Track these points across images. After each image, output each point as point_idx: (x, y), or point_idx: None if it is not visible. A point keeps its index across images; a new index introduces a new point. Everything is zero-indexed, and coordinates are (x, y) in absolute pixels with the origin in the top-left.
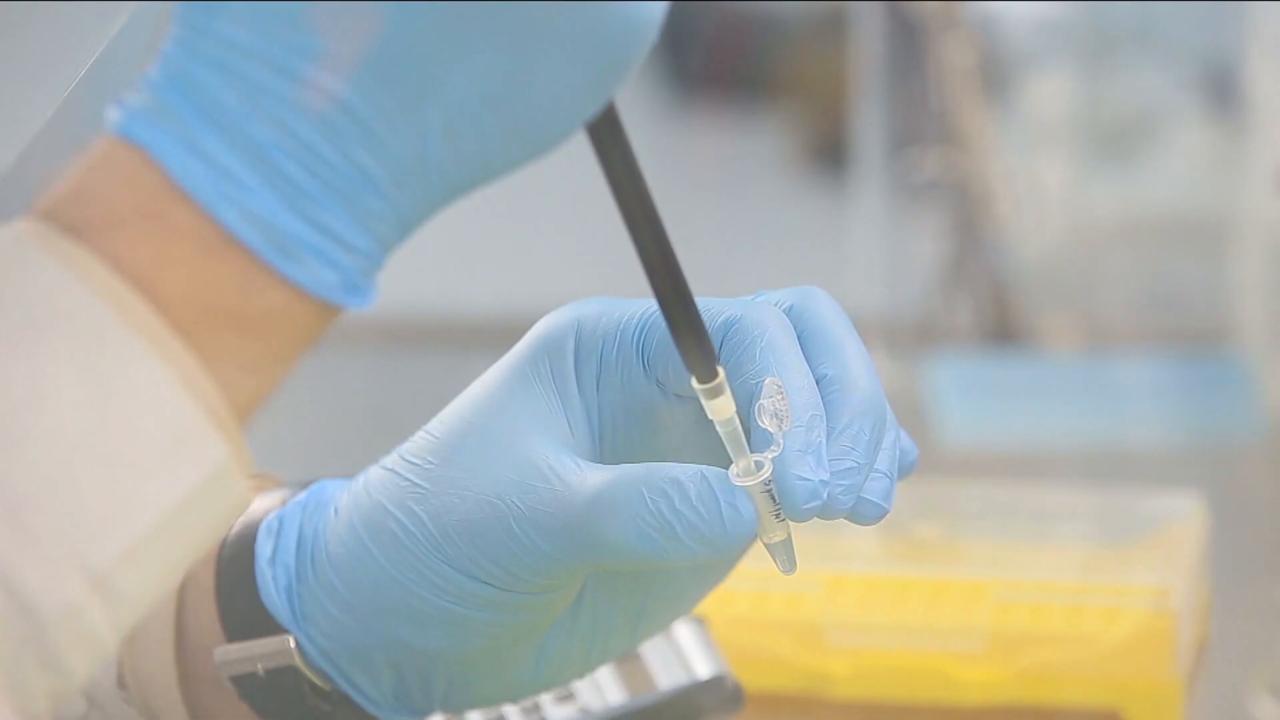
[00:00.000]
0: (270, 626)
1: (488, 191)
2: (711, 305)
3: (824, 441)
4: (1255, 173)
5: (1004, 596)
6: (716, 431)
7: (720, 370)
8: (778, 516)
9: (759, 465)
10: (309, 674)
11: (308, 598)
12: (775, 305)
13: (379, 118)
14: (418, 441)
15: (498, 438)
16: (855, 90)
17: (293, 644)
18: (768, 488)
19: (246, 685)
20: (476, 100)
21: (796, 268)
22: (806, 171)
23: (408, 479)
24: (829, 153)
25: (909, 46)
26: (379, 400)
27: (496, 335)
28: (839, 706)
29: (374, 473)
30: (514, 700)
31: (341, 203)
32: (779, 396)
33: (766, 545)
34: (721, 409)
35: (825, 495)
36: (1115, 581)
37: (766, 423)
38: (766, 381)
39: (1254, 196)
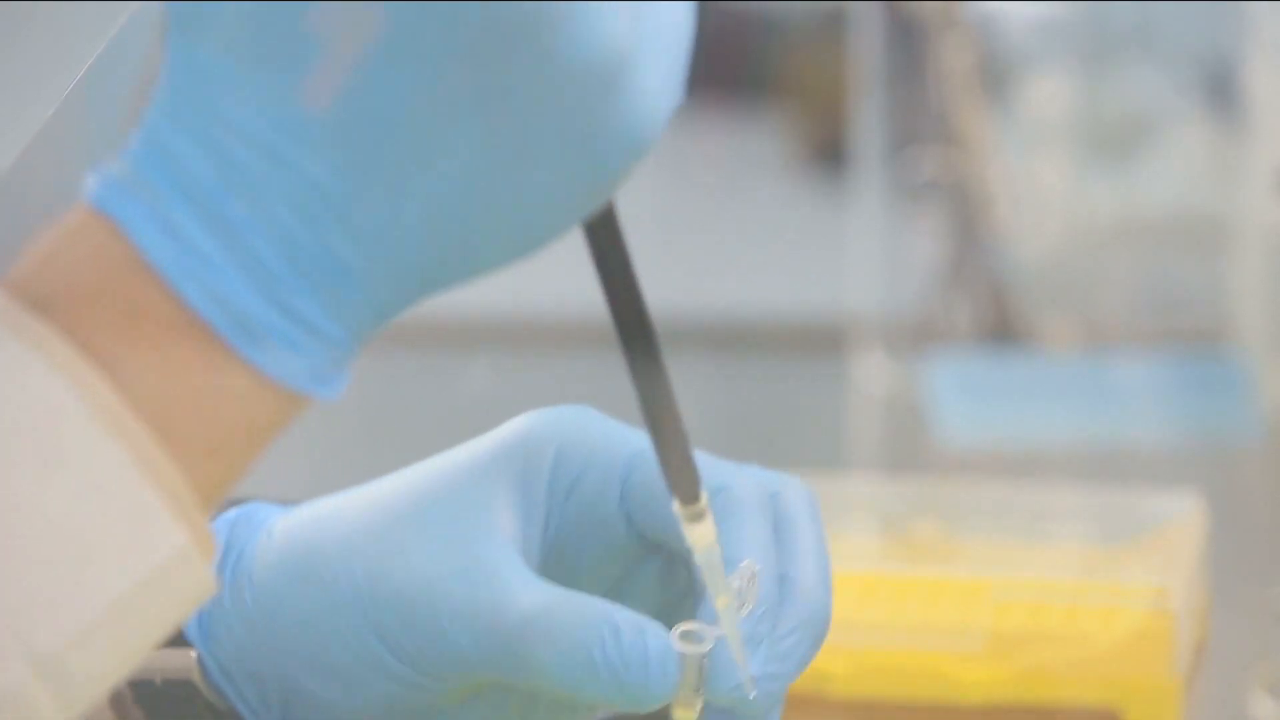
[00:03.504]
0: (175, 638)
1: None
2: (703, 463)
3: (767, 639)
4: (1254, 173)
5: (1002, 596)
6: (659, 591)
7: (704, 495)
8: (697, 691)
9: (701, 637)
10: (206, 692)
11: (218, 616)
12: (759, 485)
13: (357, 205)
14: (376, 491)
15: (454, 521)
16: (854, 91)
17: (194, 659)
18: (702, 661)
19: (142, 692)
20: (458, 196)
21: (795, 268)
22: (806, 172)
23: (354, 528)
24: (828, 153)
25: (908, 47)
26: (378, 400)
27: (496, 335)
28: (837, 705)
29: (324, 507)
30: None
31: (313, 289)
32: (750, 582)
33: (674, 717)
34: (703, 536)
35: (749, 692)
36: (1114, 581)
37: None
38: (744, 563)
39: (1253, 197)
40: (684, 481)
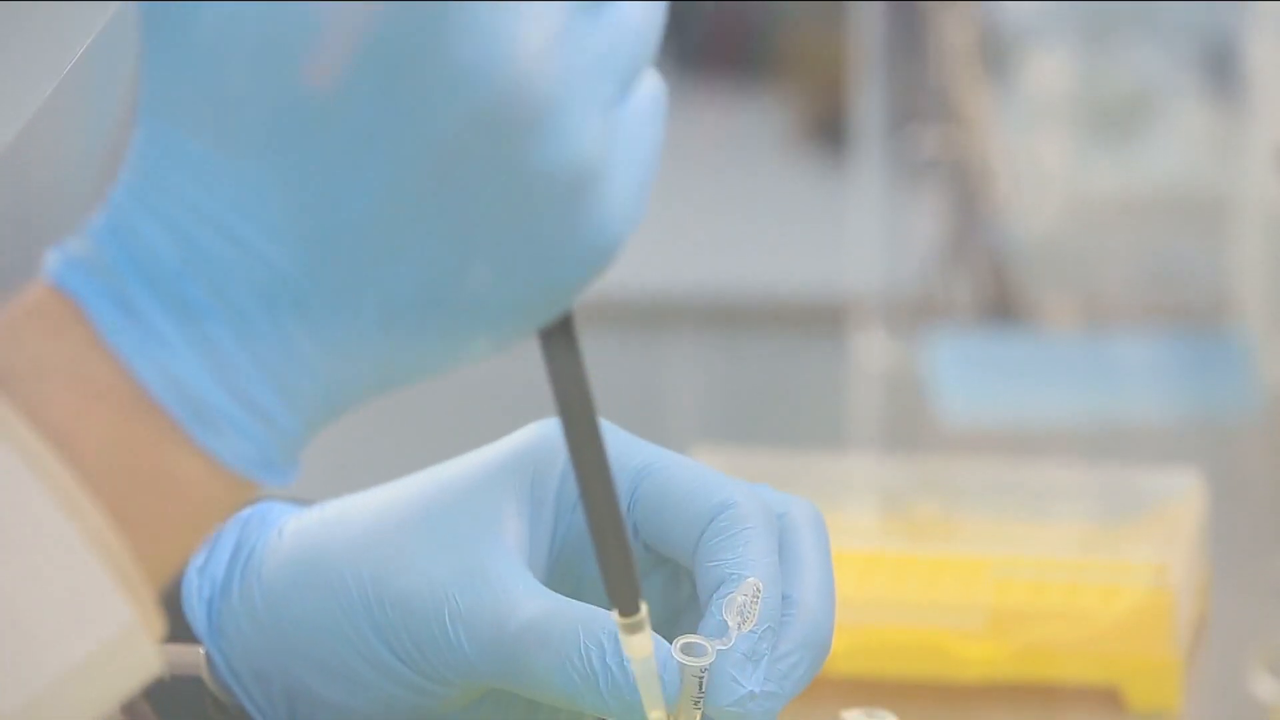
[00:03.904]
0: (184, 633)
1: None
2: (710, 479)
3: (767, 657)
4: (1254, 151)
5: (1003, 573)
6: (663, 602)
7: (644, 605)
8: (696, 704)
9: (701, 651)
10: (213, 688)
11: (226, 613)
12: (766, 504)
13: (316, 295)
14: (386, 496)
15: (461, 528)
16: (855, 68)
17: (203, 655)
18: (701, 674)
19: (150, 687)
20: (415, 295)
21: (795, 245)
22: (806, 149)
23: (363, 531)
24: (829, 130)
25: (908, 25)
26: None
27: None
28: (838, 683)
29: (333, 510)
30: None
31: (268, 376)
32: (753, 599)
33: None
34: (640, 648)
35: (747, 707)
36: (1114, 558)
37: (729, 616)
38: (749, 580)
39: (1253, 174)
40: (623, 593)
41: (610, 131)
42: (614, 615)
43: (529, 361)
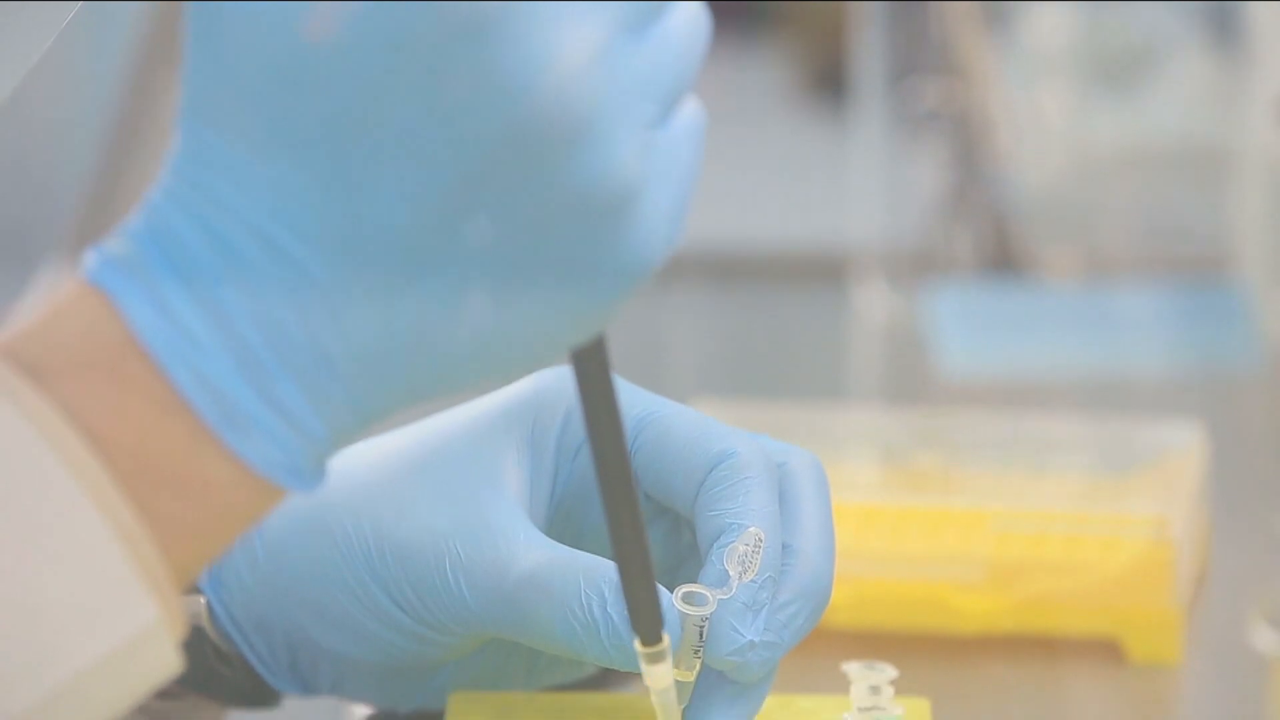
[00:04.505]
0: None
1: None
2: (711, 428)
3: (767, 607)
4: (1256, 102)
5: (1003, 526)
6: (664, 551)
7: (666, 637)
8: (696, 653)
9: (703, 600)
10: (214, 637)
11: (227, 563)
12: (767, 454)
13: (349, 304)
14: (387, 446)
15: (462, 478)
16: (855, 20)
17: (204, 605)
18: (702, 624)
19: None
20: (451, 310)
21: (796, 198)
22: (807, 102)
23: (364, 481)
24: (829, 83)
25: None
26: None
27: None
28: (838, 635)
29: (335, 459)
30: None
31: (298, 381)
32: (755, 549)
33: (661, 684)
34: (660, 678)
35: (747, 657)
36: (1115, 511)
37: (731, 566)
38: (750, 529)
39: (1254, 126)
40: (647, 622)
41: (649, 152)
42: (636, 644)
43: None
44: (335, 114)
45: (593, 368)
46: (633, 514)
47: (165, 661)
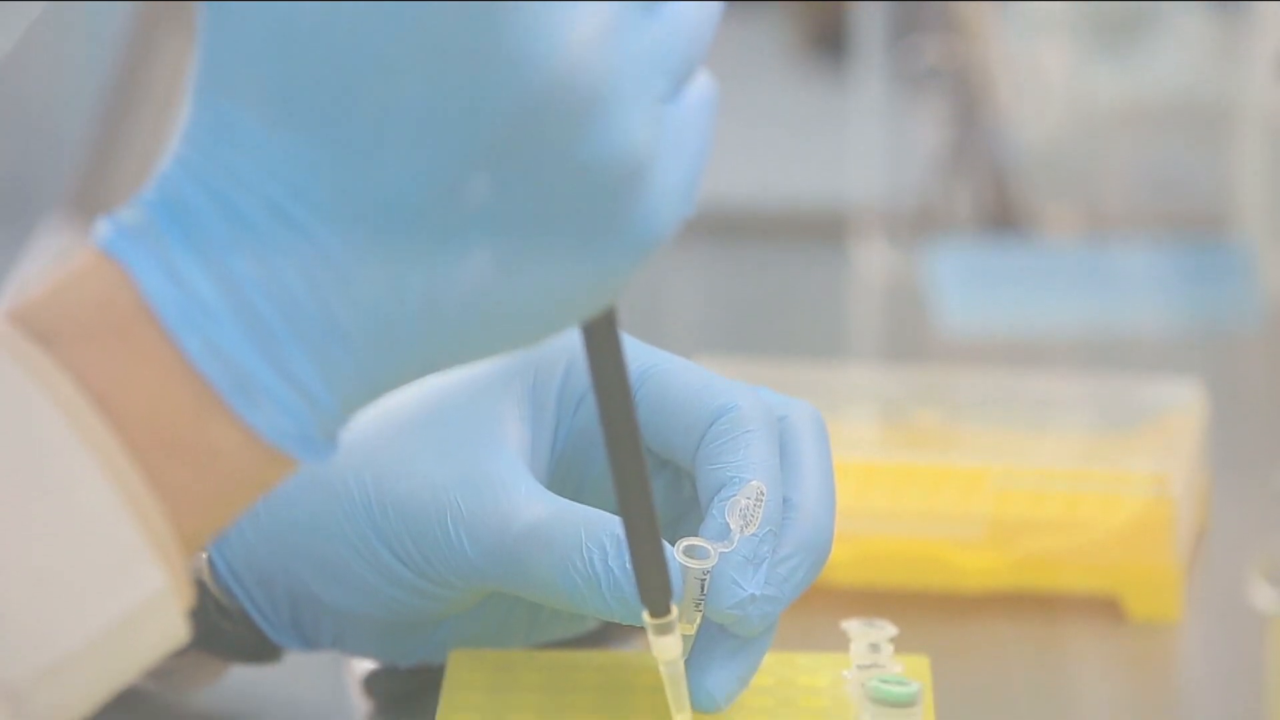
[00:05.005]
0: None
1: None
2: (712, 382)
3: (768, 560)
4: (1256, 59)
5: (1003, 484)
6: (666, 505)
7: (675, 609)
8: (697, 606)
9: (704, 553)
10: (215, 591)
11: None
12: (767, 407)
13: (361, 276)
14: (389, 400)
15: (463, 431)
16: None
17: (205, 559)
18: (704, 577)
19: None
20: (462, 282)
21: (796, 156)
22: (806, 59)
23: (365, 435)
24: (829, 40)
25: None
26: None
27: None
28: (838, 593)
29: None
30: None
31: (309, 351)
32: (756, 502)
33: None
34: (668, 649)
35: (747, 610)
36: (1114, 468)
37: (732, 519)
38: (751, 483)
39: (1255, 83)
40: (655, 593)
41: (660, 126)
42: (644, 615)
43: None
44: (348, 86)
45: (602, 338)
46: (643, 487)
47: (173, 629)
